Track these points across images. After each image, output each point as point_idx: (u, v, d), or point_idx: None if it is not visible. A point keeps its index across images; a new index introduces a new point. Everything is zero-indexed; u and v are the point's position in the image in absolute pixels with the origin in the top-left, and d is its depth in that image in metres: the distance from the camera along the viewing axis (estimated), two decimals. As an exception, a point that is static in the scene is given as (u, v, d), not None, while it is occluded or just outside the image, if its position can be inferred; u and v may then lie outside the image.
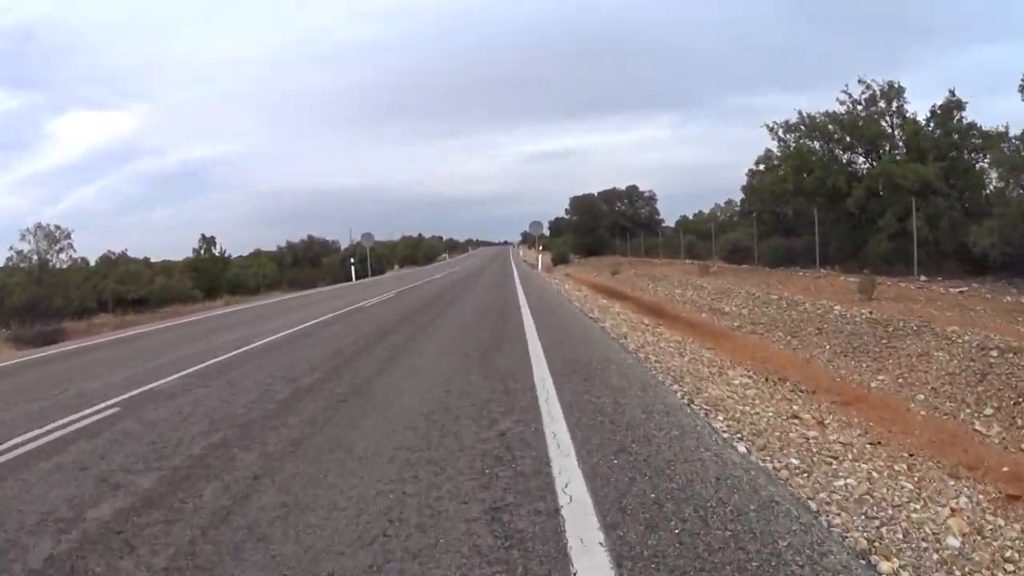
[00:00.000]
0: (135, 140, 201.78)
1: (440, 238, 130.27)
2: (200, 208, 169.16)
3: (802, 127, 24.95)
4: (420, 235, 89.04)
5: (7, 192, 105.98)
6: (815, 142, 25.06)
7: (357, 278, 38.38)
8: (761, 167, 26.95)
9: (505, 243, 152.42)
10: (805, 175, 24.44)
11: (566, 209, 57.62)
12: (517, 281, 21.86)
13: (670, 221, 66.84)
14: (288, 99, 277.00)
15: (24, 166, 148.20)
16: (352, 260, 36.12)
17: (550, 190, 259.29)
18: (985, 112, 30.63)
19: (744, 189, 51.19)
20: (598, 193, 63.76)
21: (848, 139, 24.93)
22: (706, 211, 67.41)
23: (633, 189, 68.58)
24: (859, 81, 24.99)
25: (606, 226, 55.51)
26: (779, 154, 25.58)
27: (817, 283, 17.71)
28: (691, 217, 67.06)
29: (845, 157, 25.12)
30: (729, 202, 64.73)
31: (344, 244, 71.24)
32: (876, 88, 25.36)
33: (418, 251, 78.93)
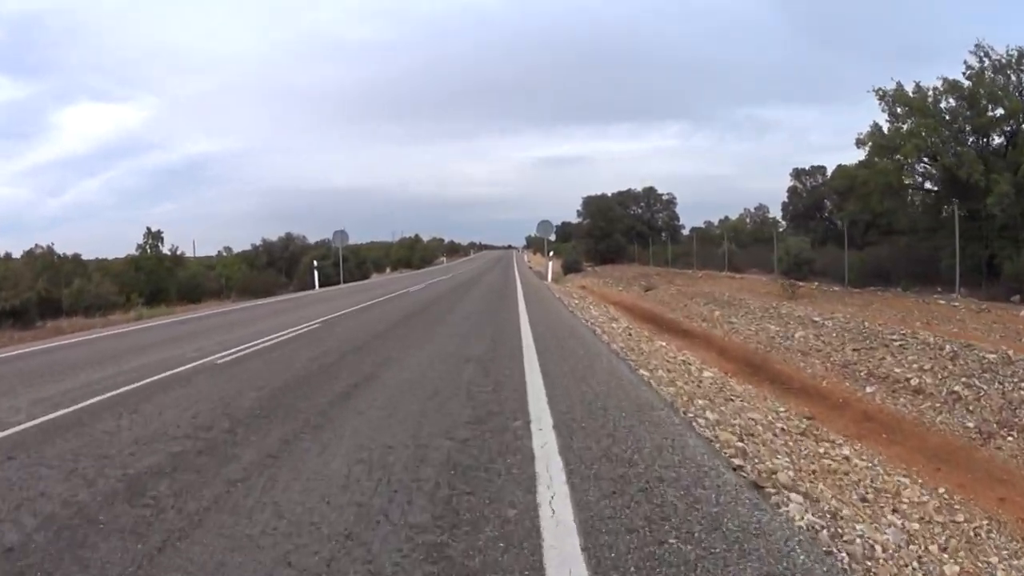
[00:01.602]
0: (140, 133, 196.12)
1: (441, 240, 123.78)
2: (199, 203, 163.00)
3: (911, 97, 18.22)
4: (417, 236, 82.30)
5: (9, 182, 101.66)
6: (928, 119, 18.36)
7: (323, 285, 31.73)
8: (866, 149, 19.96)
9: (509, 247, 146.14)
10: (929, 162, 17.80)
11: (578, 210, 50.96)
12: (520, 300, 15.27)
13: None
14: (291, 96, 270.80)
15: (29, 156, 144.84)
16: (316, 264, 29.45)
17: (556, 196, 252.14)
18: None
19: (791, 190, 44.53)
20: (612, 194, 57.18)
21: (975, 119, 18.29)
22: (733, 217, 60.88)
23: (651, 191, 61.97)
24: (976, 46, 18.34)
25: (622, 231, 48.85)
26: (885, 133, 18.75)
27: (996, 320, 11.02)
28: (715, 224, 60.46)
29: (972, 141, 18.51)
30: (760, 207, 58.09)
31: (337, 243, 64.51)
32: (995, 58, 18.81)
33: (414, 254, 72.27)
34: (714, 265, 35.94)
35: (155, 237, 38.70)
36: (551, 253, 26.42)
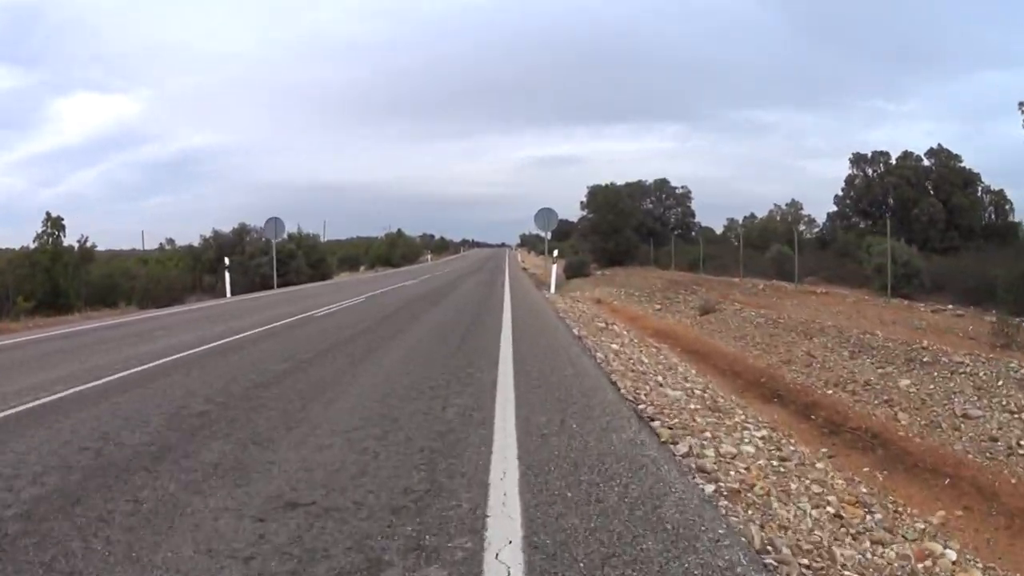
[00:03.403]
0: (136, 126, 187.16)
1: (432, 236, 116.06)
2: (197, 198, 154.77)
3: None
4: (400, 231, 74.39)
5: (4, 172, 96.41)
6: None
7: (257, 288, 24.06)
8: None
9: (502, 245, 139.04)
10: None
11: (581, 202, 43.25)
12: (506, 336, 7.84)
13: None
14: (291, 94, 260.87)
15: (24, 146, 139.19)
16: (227, 264, 21.81)
17: (554, 195, 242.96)
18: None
19: (849, 180, 36.88)
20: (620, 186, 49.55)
21: None
22: (760, 215, 53.50)
23: (663, 184, 54.61)
24: None
25: (633, 227, 41.30)
26: None
27: None
28: (740, 221, 52.91)
29: None
30: (793, 203, 50.54)
31: (323, 238, 57.02)
32: None
33: (394, 250, 64.47)
34: (759, 272, 28.54)
35: (55, 225, 30.46)
36: (555, 254, 18.62)
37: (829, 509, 3.74)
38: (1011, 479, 5.35)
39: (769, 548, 2.75)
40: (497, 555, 2.28)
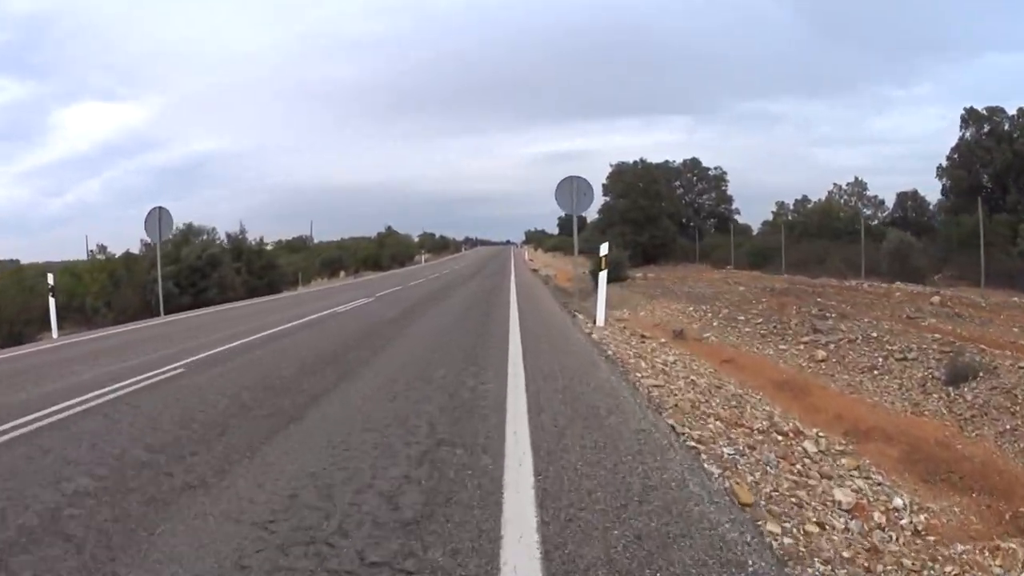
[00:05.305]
0: (141, 129, 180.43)
1: (432, 235, 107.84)
2: (207, 203, 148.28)
3: None
4: (390, 229, 66.56)
5: (11, 183, 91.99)
6: None
7: (103, 322, 16.09)
8: None
9: (507, 243, 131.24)
10: None
11: (604, 184, 35.15)
12: None
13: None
14: (297, 94, 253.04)
15: (29, 157, 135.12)
16: (51, 283, 14.02)
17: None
18: None
19: (959, 146, 28.47)
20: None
21: None
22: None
23: (694, 165, 46.51)
24: None
25: (669, 214, 33.35)
26: None
27: None
28: (791, 206, 44.46)
29: None
30: (857, 182, 42.10)
31: (316, 240, 51.14)
32: None
33: (383, 251, 56.71)
34: (868, 269, 20.69)
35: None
36: (605, 250, 10.19)
37: None
38: None
39: None
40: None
